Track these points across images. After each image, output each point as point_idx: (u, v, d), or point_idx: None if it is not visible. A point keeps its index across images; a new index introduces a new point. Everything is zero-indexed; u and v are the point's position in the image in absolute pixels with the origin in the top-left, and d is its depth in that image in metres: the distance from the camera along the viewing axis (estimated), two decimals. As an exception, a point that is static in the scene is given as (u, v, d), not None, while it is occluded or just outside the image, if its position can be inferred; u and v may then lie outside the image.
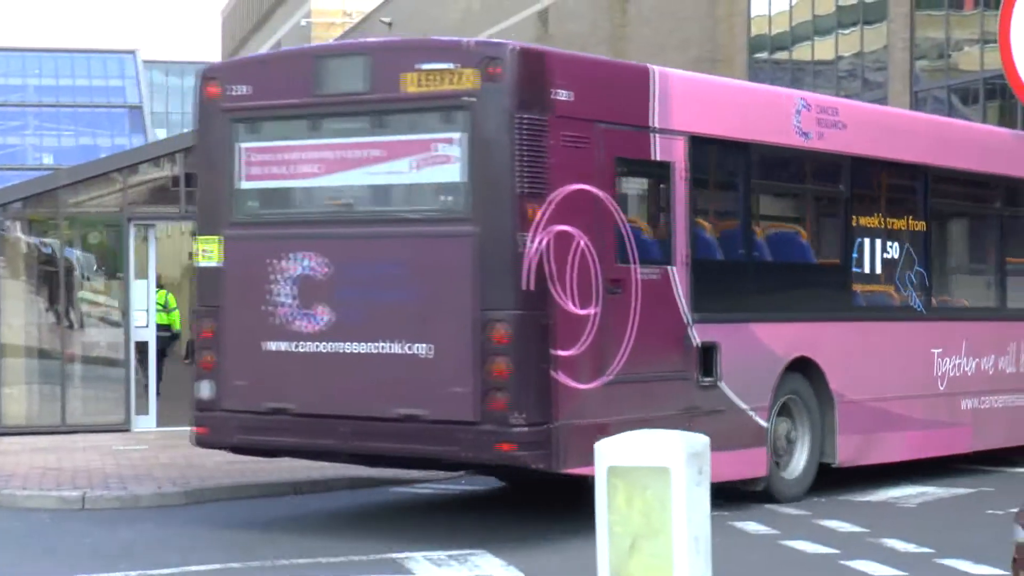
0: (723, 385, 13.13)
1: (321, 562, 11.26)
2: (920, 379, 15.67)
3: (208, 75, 12.86)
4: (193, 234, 13.23)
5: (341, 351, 12.16)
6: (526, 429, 11.56)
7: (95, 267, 20.68)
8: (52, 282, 20.16)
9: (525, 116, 11.60)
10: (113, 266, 20.45)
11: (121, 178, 20.18)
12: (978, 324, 16.58)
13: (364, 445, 12.23)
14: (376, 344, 12.01)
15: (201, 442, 13.08)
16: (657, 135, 12.76)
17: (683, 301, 12.82)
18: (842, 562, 11.08)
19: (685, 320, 12.83)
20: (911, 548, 11.65)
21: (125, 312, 19.93)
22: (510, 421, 11.53)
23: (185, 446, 17.87)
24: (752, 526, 12.64)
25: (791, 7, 35.57)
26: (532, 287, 11.58)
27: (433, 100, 11.84)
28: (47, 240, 20.36)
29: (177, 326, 23.36)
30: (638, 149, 12.65)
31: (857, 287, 15.05)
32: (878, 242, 15.20)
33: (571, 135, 11.90)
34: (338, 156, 12.36)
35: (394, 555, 11.42)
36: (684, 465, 7.42)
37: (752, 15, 37.02)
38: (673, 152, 12.88)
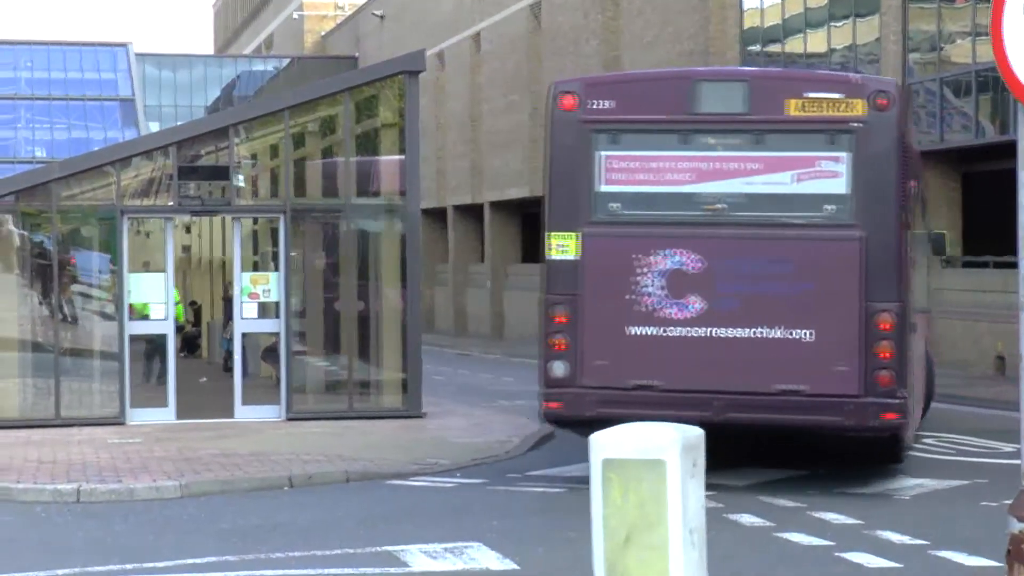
0: None
1: (316, 555, 11.29)
2: None
3: (564, 89, 14.46)
4: (546, 231, 14.44)
5: (714, 335, 13.98)
6: (905, 402, 13.90)
7: (100, 268, 20.63)
8: (45, 275, 20.13)
9: (902, 140, 13.97)
10: (108, 259, 20.39)
11: (114, 171, 20.15)
12: None
13: (739, 417, 14.00)
14: (754, 329, 13.92)
15: (554, 415, 14.57)
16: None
17: None
18: (837, 554, 11.10)
19: None
20: (906, 540, 11.67)
21: (118, 305, 19.89)
22: (896, 395, 13.80)
23: (180, 439, 17.94)
24: (747, 518, 12.66)
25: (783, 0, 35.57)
26: (908, 282, 14.17)
27: (819, 124, 13.90)
28: (39, 234, 20.33)
29: (180, 319, 23.32)
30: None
31: None
32: None
33: (910, 155, 14.67)
34: (713, 167, 14.17)
35: (389, 548, 11.46)
36: (679, 457, 7.44)
37: (744, 8, 37.00)
38: None
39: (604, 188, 14.31)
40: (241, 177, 20.80)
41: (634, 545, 7.42)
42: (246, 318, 20.27)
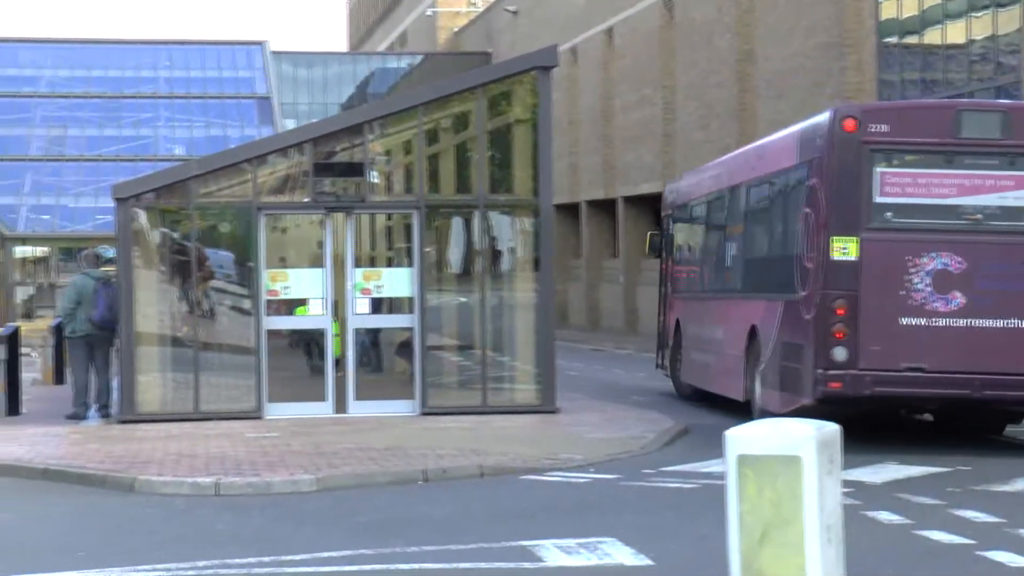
0: None
1: (451, 549, 11.31)
2: None
3: (846, 114, 16.78)
4: (828, 235, 16.61)
5: (974, 325, 16.39)
6: None
7: (226, 265, 20.89)
8: (184, 272, 20.43)
9: None
10: (243, 255, 20.65)
11: (250, 168, 20.41)
12: None
13: (994, 394, 16.55)
14: (1007, 320, 16.43)
15: (835, 394, 16.58)
16: None
17: None
18: (978, 552, 10.91)
19: None
20: (1049, 539, 11.43)
21: (255, 301, 20.13)
22: None
23: (316, 434, 18.12)
24: (885, 516, 12.48)
25: (921, -10, 35.00)
26: None
27: None
28: (177, 231, 20.64)
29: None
30: None
31: None
32: None
33: None
34: (972, 183, 16.59)
35: (524, 542, 11.44)
36: (815, 454, 7.34)
37: (881, -1, 36.48)
38: None
39: (880, 199, 16.58)
40: (375, 173, 20.96)
41: (770, 542, 7.35)
42: (358, 313, 20.40)
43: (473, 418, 19.74)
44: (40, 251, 59.56)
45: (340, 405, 20.32)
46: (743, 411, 19.34)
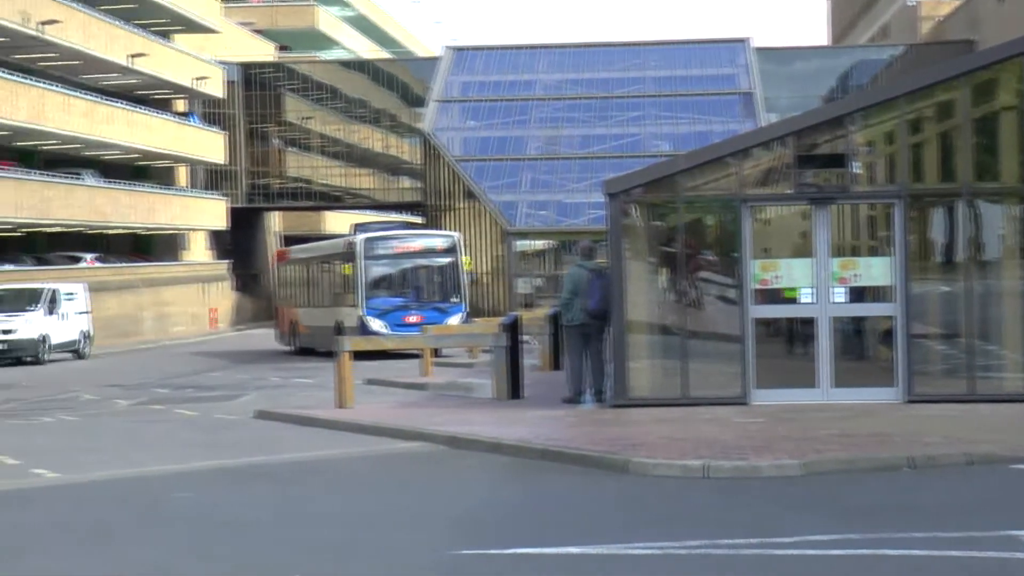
0: None
1: (938, 536, 11.31)
2: None
3: None
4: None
5: None
6: None
7: (723, 254, 21.34)
8: (672, 262, 21.06)
9: None
10: (728, 246, 21.09)
11: (735, 162, 20.86)
12: None
13: None
14: None
15: None
16: None
17: None
18: None
19: None
20: None
21: (742, 290, 20.53)
22: None
23: (800, 420, 18.38)
24: None
25: None
26: None
27: None
28: (665, 223, 21.28)
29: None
30: None
31: None
32: None
33: None
34: None
35: (1014, 532, 11.33)
36: None
37: None
38: None
39: None
40: (857, 164, 21.02)
41: None
42: (836, 302, 20.45)
43: (958, 406, 19.50)
44: (538, 244, 62.00)
45: (821, 391, 20.48)
46: None
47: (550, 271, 59.54)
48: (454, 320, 41.80)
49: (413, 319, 41.54)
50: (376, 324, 41.51)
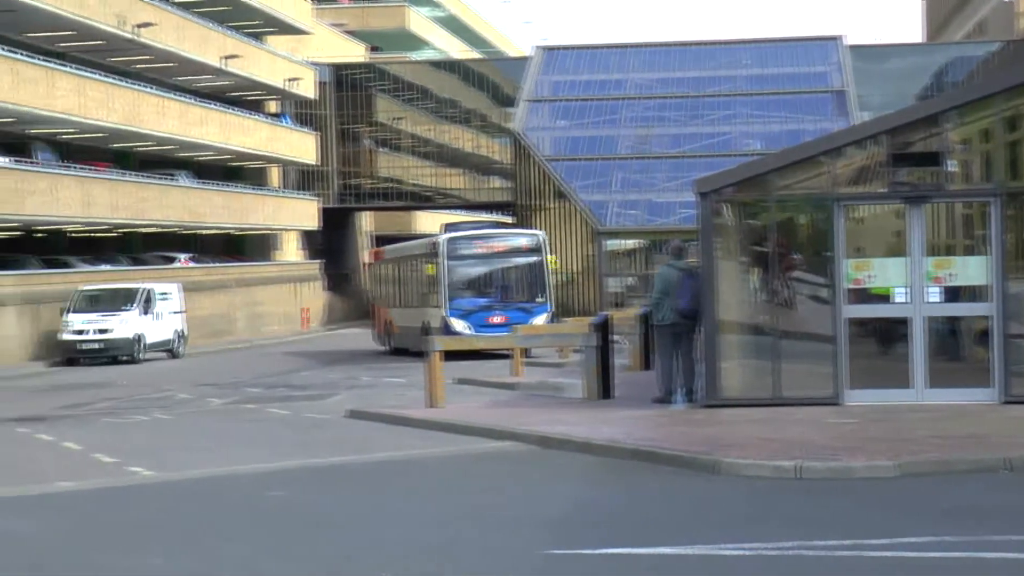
0: None
1: (1034, 538, 11.21)
2: None
3: None
4: None
5: None
6: None
7: (815, 253, 21.18)
8: (763, 262, 20.93)
9: None
10: (820, 245, 20.92)
11: (827, 160, 20.69)
12: None
13: None
14: None
15: None
16: None
17: None
18: None
19: None
20: None
21: (834, 289, 20.36)
22: None
23: (893, 420, 18.21)
24: None
25: None
26: None
27: None
28: (757, 222, 21.15)
29: None
30: None
31: None
32: None
33: None
34: None
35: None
36: None
37: None
38: None
39: None
40: (952, 162, 20.78)
41: None
42: (930, 302, 20.22)
43: (1058, 408, 19.25)
44: (629, 243, 61.96)
45: (915, 391, 20.27)
46: None
47: (640, 271, 59.43)
48: (539, 320, 41.27)
49: (497, 319, 41.14)
50: (459, 325, 41.18)
